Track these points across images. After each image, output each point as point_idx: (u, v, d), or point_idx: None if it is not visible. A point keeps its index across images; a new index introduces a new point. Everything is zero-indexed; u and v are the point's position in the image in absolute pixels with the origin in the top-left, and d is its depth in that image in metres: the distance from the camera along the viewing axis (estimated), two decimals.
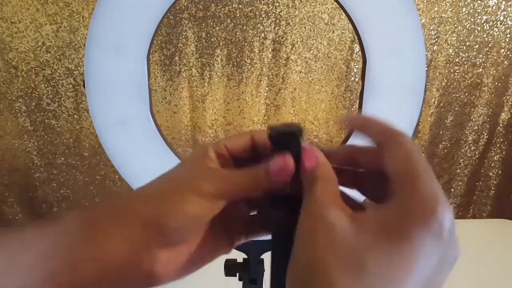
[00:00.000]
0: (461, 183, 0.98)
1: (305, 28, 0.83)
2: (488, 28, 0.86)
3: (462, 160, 0.96)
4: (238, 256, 0.52)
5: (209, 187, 0.27)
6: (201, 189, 0.27)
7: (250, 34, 0.83)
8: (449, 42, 0.86)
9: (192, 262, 0.29)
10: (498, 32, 0.86)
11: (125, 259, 0.26)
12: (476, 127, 0.93)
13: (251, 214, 0.32)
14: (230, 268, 0.51)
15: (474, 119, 0.92)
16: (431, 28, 0.85)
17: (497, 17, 0.85)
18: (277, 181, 0.27)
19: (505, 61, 0.88)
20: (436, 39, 0.86)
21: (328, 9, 0.82)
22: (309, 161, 0.26)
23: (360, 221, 0.22)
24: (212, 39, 0.82)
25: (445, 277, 0.23)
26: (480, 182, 0.98)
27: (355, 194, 0.29)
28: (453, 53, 0.87)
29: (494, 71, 0.89)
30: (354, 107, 0.88)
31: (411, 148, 0.24)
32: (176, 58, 0.83)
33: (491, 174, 0.98)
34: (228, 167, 0.30)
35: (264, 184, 0.27)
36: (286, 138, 0.27)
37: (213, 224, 0.29)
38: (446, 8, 0.84)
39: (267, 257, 0.40)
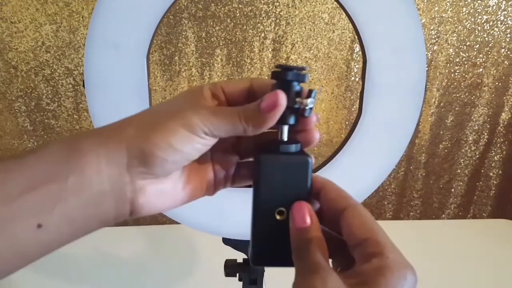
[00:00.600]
0: (461, 183, 0.98)
1: (305, 27, 0.83)
2: (488, 28, 0.86)
3: (462, 160, 0.96)
4: (238, 256, 0.52)
5: (198, 121, 0.26)
6: (190, 122, 0.26)
7: (250, 34, 0.82)
8: (449, 42, 0.86)
9: (173, 198, 0.29)
10: (498, 32, 0.86)
11: (108, 184, 0.25)
12: (476, 127, 0.93)
13: (239, 161, 0.32)
14: (230, 269, 0.51)
15: (474, 119, 0.92)
16: (432, 28, 0.85)
17: (497, 17, 0.85)
18: (268, 118, 0.26)
19: (506, 61, 0.88)
20: (437, 39, 0.86)
21: (328, 9, 0.82)
22: (299, 221, 0.26)
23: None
24: (212, 39, 0.82)
25: None
26: (481, 182, 0.98)
27: None
28: (453, 53, 0.87)
29: (495, 71, 0.89)
30: (354, 107, 0.88)
31: (365, 214, 0.25)
32: (176, 58, 0.83)
33: (491, 174, 0.98)
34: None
35: (254, 120, 0.26)
36: (289, 74, 0.27)
37: (199, 163, 0.29)
38: (447, 8, 0.84)
39: None
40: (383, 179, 0.55)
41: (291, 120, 0.28)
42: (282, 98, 0.26)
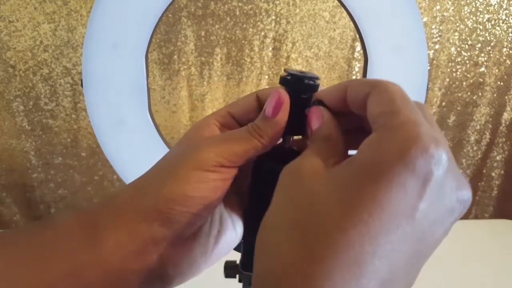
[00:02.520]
0: None
1: (305, 26, 0.82)
2: (490, 27, 0.85)
3: (464, 160, 0.95)
4: (238, 257, 0.52)
5: (210, 154, 0.23)
6: (202, 159, 0.23)
7: (250, 33, 0.82)
8: (451, 41, 0.85)
9: (207, 256, 0.25)
10: (500, 31, 0.86)
11: (131, 259, 0.23)
12: (478, 127, 0.93)
13: None
14: (230, 270, 0.51)
15: (476, 119, 0.92)
16: (433, 26, 0.84)
17: (499, 16, 0.85)
18: (278, 121, 0.24)
19: (508, 60, 0.88)
20: (438, 38, 0.85)
21: (329, 7, 0.81)
22: (314, 122, 0.23)
23: (336, 168, 0.19)
24: (211, 38, 0.82)
25: (442, 229, 0.19)
26: (483, 183, 0.98)
27: None
28: (455, 52, 0.86)
29: (497, 70, 0.88)
30: None
31: (393, 88, 0.20)
32: (175, 57, 0.83)
33: (493, 174, 0.97)
34: None
35: (267, 130, 0.24)
36: (300, 84, 0.24)
37: (222, 206, 0.26)
38: (448, 6, 0.83)
39: None
40: None
41: (299, 132, 0.25)
42: (283, 95, 0.24)
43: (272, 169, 0.23)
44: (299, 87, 0.24)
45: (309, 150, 0.22)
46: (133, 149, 0.54)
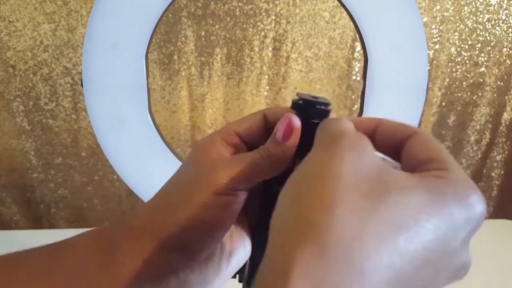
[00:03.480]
0: None
1: (305, 26, 0.82)
2: (490, 27, 0.85)
3: (464, 160, 0.95)
4: None
5: (224, 178, 0.23)
6: (216, 184, 0.23)
7: (250, 33, 0.82)
8: (451, 41, 0.85)
9: (222, 275, 0.26)
10: (500, 31, 0.86)
11: (148, 284, 0.23)
12: (478, 127, 0.93)
13: None
14: None
15: (476, 119, 0.92)
16: (433, 26, 0.84)
17: (499, 16, 0.85)
18: (288, 145, 0.24)
19: (508, 60, 0.88)
20: (438, 38, 0.85)
21: (329, 7, 0.81)
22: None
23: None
24: (211, 38, 0.82)
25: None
26: (482, 183, 0.98)
27: None
28: (455, 52, 0.86)
29: (497, 70, 0.88)
30: (356, 106, 0.88)
31: (433, 137, 0.22)
32: (175, 57, 0.83)
33: (493, 174, 0.97)
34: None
35: (277, 154, 0.24)
36: (312, 109, 0.25)
37: (238, 222, 0.26)
38: (448, 6, 0.83)
39: None
40: None
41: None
42: (295, 120, 0.24)
43: (278, 190, 0.23)
44: (310, 112, 0.25)
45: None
46: (133, 149, 0.54)
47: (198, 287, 0.25)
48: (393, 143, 0.23)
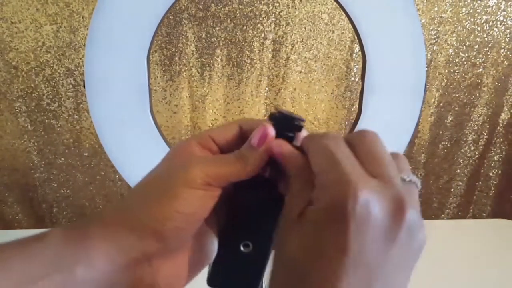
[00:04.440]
0: (461, 183, 0.98)
1: (305, 28, 0.83)
2: (488, 28, 0.86)
3: (462, 160, 0.96)
4: None
5: (199, 173, 0.24)
6: (191, 178, 0.24)
7: (250, 34, 0.83)
8: (449, 42, 0.86)
9: (192, 268, 0.27)
10: (498, 32, 0.86)
11: (122, 272, 0.24)
12: (476, 127, 0.93)
13: None
14: None
15: (474, 119, 0.92)
16: (431, 28, 0.85)
17: (497, 17, 0.85)
18: (262, 152, 0.25)
19: (505, 61, 0.88)
20: (436, 39, 0.86)
21: (328, 9, 0.82)
22: (277, 153, 0.26)
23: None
24: (212, 39, 0.82)
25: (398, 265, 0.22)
26: (480, 182, 0.98)
27: None
28: (453, 53, 0.87)
29: (494, 71, 0.89)
30: (354, 107, 0.88)
31: (319, 142, 0.24)
32: (176, 58, 0.83)
33: (491, 174, 0.98)
34: None
35: (251, 158, 0.26)
36: (287, 123, 0.27)
37: (207, 220, 0.27)
38: (446, 8, 0.84)
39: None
40: None
41: (280, 165, 0.27)
42: (270, 129, 0.26)
43: (248, 196, 0.26)
44: (285, 125, 0.27)
45: (291, 196, 0.24)
46: (134, 149, 0.55)
47: (172, 277, 0.26)
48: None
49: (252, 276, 0.28)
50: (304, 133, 0.27)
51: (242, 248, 0.27)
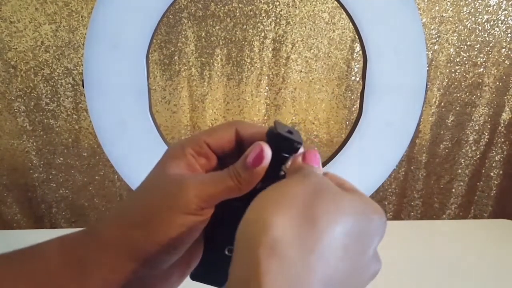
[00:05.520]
0: (462, 183, 0.98)
1: (305, 27, 0.82)
2: (489, 27, 0.85)
3: (463, 160, 0.96)
4: None
5: (193, 199, 0.24)
6: (185, 204, 0.24)
7: (250, 34, 0.82)
8: (450, 41, 0.86)
9: (181, 273, 0.28)
10: (499, 32, 0.86)
11: None
12: (477, 127, 0.93)
13: None
14: None
15: (475, 119, 0.92)
16: (432, 27, 0.85)
17: (498, 17, 0.85)
18: (256, 172, 0.26)
19: (506, 61, 0.88)
20: (437, 39, 0.85)
21: (329, 8, 0.81)
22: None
23: None
24: (211, 39, 0.82)
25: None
26: (481, 182, 0.98)
27: None
28: (454, 53, 0.87)
29: (495, 70, 0.88)
30: (355, 107, 0.88)
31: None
32: (175, 57, 0.83)
33: (492, 174, 0.97)
34: (211, 166, 0.28)
35: (246, 178, 0.26)
36: (284, 144, 0.27)
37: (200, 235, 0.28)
38: (447, 7, 0.84)
39: None
40: (383, 179, 0.55)
41: (272, 182, 0.27)
42: (266, 151, 0.26)
43: (236, 203, 0.26)
44: (282, 145, 0.26)
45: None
46: (133, 149, 0.54)
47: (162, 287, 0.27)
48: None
49: None
50: (301, 150, 0.27)
51: (226, 252, 0.28)
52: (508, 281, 0.69)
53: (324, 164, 0.55)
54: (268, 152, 0.26)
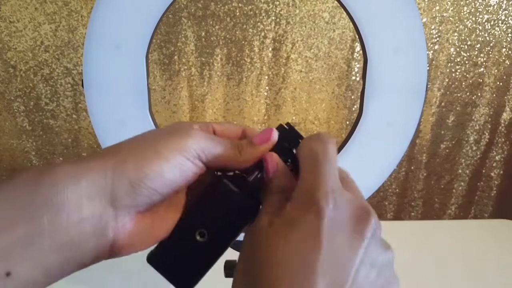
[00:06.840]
0: (462, 183, 0.98)
1: (305, 27, 0.82)
2: (489, 27, 0.85)
3: (463, 160, 0.96)
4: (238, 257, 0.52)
5: (195, 145, 0.25)
6: (186, 146, 0.25)
7: (250, 33, 0.82)
8: (450, 41, 0.86)
9: (152, 236, 0.26)
10: (499, 32, 0.86)
11: (89, 223, 0.23)
12: (477, 127, 0.93)
13: None
14: (230, 270, 0.51)
15: (475, 119, 0.92)
16: (433, 27, 0.85)
17: (498, 16, 0.85)
18: (259, 149, 0.27)
19: (507, 61, 0.88)
20: (438, 38, 0.85)
21: (329, 8, 0.81)
22: (272, 168, 0.27)
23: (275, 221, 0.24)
24: (211, 38, 0.82)
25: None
26: (482, 182, 0.98)
27: None
28: (454, 53, 0.87)
29: (496, 70, 0.88)
30: (355, 107, 0.88)
31: (308, 145, 0.26)
32: (175, 57, 0.83)
33: (492, 174, 0.97)
34: None
35: (247, 150, 0.27)
36: (291, 137, 0.29)
37: (180, 196, 0.27)
38: (448, 7, 0.84)
39: None
40: (384, 180, 0.55)
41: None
42: (275, 134, 0.28)
43: (222, 186, 0.27)
44: (289, 138, 0.29)
45: (266, 207, 0.26)
46: None
47: (134, 237, 0.25)
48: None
49: (195, 268, 0.27)
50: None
51: (197, 236, 0.27)
52: (508, 281, 0.69)
53: None
54: (275, 135, 0.28)
